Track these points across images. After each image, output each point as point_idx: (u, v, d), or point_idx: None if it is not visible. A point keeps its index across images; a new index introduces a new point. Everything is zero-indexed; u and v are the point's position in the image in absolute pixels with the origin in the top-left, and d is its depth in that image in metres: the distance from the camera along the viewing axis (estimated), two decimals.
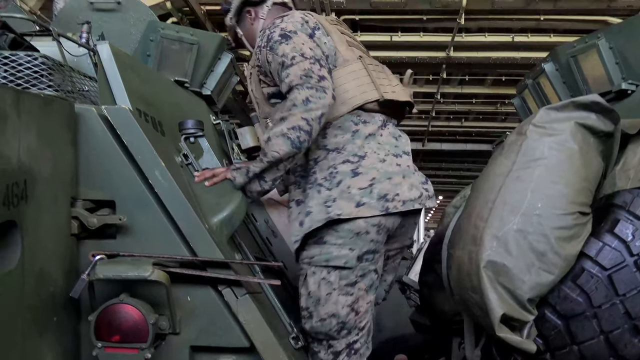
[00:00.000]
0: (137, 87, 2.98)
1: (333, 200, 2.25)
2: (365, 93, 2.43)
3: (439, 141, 20.21)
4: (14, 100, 1.41)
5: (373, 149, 2.37)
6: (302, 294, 2.34)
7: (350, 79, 2.43)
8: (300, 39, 2.32)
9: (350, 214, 2.23)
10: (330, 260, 2.26)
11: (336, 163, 2.32)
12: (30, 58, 2.45)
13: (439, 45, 12.88)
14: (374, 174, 2.32)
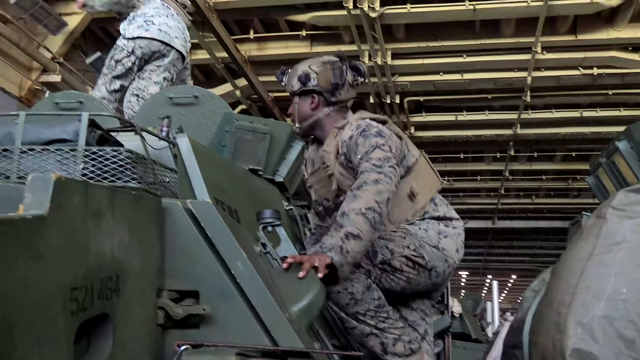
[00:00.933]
0: (214, 177, 3.09)
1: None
2: (436, 180, 3.09)
3: (509, 219, 19.84)
4: (109, 199, 1.49)
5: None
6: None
7: (427, 169, 3.04)
8: (392, 141, 2.74)
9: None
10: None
11: (441, 235, 2.97)
12: (115, 153, 2.60)
13: (505, 123, 12.87)
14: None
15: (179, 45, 4.95)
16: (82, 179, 2.45)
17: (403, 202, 2.81)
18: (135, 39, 4.79)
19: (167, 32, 4.88)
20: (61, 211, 1.28)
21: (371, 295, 2.60)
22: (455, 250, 2.92)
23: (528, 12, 9.12)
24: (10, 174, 2.54)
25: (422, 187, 2.89)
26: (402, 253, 2.69)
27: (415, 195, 2.84)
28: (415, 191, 2.85)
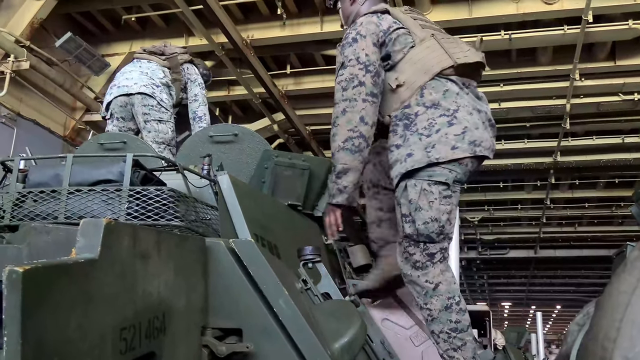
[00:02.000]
0: (255, 213, 3.13)
1: (432, 146, 2.72)
2: (441, 62, 2.91)
3: (552, 248, 19.48)
4: (155, 241, 1.54)
5: (463, 104, 2.84)
6: (402, 203, 2.77)
7: (427, 52, 2.93)
8: (364, 45, 2.88)
9: (447, 156, 2.71)
10: (433, 176, 2.72)
11: (434, 116, 2.78)
12: (158, 192, 2.67)
13: (545, 151, 12.73)
14: (465, 124, 2.78)
15: (140, 87, 5.03)
16: (127, 218, 2.52)
17: (386, 93, 2.92)
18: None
19: (124, 84, 5.07)
20: (111, 254, 1.33)
21: (448, 317, 2.65)
22: (452, 147, 2.75)
23: (565, 40, 9.08)
24: (58, 214, 2.62)
25: (409, 75, 2.90)
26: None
27: (400, 85, 2.90)
28: (400, 81, 2.90)
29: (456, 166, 2.75)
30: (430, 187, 2.72)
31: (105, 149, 4.07)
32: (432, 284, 2.70)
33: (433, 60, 2.91)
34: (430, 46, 2.97)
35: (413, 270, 2.76)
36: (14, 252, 1.91)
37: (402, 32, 2.99)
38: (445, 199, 2.74)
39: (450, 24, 9.06)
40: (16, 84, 9.15)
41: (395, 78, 2.89)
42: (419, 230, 2.72)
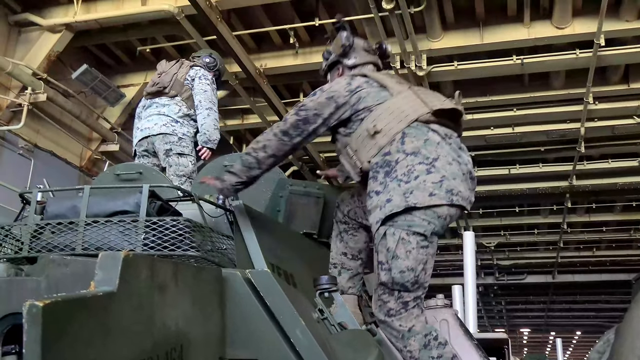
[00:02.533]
0: (270, 242, 3.13)
1: (410, 192, 2.76)
2: (417, 110, 2.97)
3: (571, 272, 19.26)
4: (173, 272, 1.55)
5: (442, 154, 2.88)
6: (379, 251, 2.81)
7: (404, 102, 3.00)
8: (316, 97, 3.08)
9: (424, 202, 2.75)
10: (412, 227, 2.76)
11: (414, 163, 2.82)
12: (174, 222, 2.68)
13: (560, 175, 12.66)
14: (443, 172, 2.82)
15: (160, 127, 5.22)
16: (143, 248, 2.54)
17: (364, 139, 2.98)
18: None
19: (146, 127, 5.30)
20: (129, 287, 1.34)
21: (429, 354, 2.69)
22: (429, 194, 2.79)
23: (577, 64, 9.08)
24: (75, 245, 2.64)
25: (388, 123, 2.95)
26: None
27: (377, 132, 2.94)
28: (378, 128, 2.94)
29: (434, 218, 2.79)
30: (408, 237, 2.76)
31: (122, 180, 4.10)
32: (406, 327, 2.76)
33: (409, 109, 2.97)
34: (407, 96, 3.05)
35: (387, 317, 2.80)
36: (33, 284, 1.92)
37: (376, 88, 3.09)
38: (422, 249, 2.78)
39: (462, 50, 9.11)
40: (33, 115, 9.28)
41: (373, 125, 2.94)
42: (395, 278, 2.76)
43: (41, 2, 9.42)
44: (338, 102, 3.04)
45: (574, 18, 8.45)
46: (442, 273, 19.86)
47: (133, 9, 8.85)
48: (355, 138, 3.01)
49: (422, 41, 8.93)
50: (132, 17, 9.00)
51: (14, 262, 2.66)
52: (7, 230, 2.90)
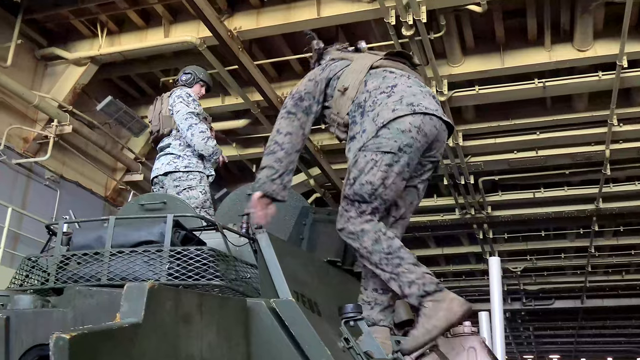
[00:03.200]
0: (294, 270, 3.12)
1: (377, 114, 3.10)
2: (372, 59, 3.42)
3: (600, 297, 18.91)
4: (198, 303, 1.54)
5: (400, 82, 3.26)
6: (351, 171, 3.09)
7: (361, 60, 3.46)
8: (306, 80, 3.48)
9: (389, 117, 3.05)
10: (380, 147, 3.04)
11: (376, 95, 3.20)
12: (199, 252, 2.68)
13: (586, 198, 12.51)
14: (402, 93, 3.17)
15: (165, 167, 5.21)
16: (168, 278, 2.54)
17: (338, 99, 3.37)
18: None
19: (156, 167, 5.27)
20: (155, 318, 1.33)
21: (380, 247, 2.99)
22: (392, 110, 3.09)
23: (600, 86, 9.02)
24: (101, 276, 2.65)
25: (352, 78, 3.37)
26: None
27: (346, 88, 3.35)
28: (345, 85, 3.36)
29: (399, 133, 3.05)
30: (377, 156, 3.06)
31: (146, 210, 4.12)
32: (360, 229, 3.05)
33: (367, 62, 3.44)
34: (364, 56, 3.56)
35: (346, 223, 3.10)
36: (59, 315, 1.93)
37: (340, 62, 3.55)
38: (384, 166, 3.05)
39: (483, 75, 9.11)
40: (59, 147, 9.43)
41: (342, 85, 3.37)
42: (354, 190, 3.06)
43: (67, 36, 9.63)
44: (316, 80, 3.45)
45: (596, 40, 8.42)
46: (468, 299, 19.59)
47: (156, 41, 9.01)
48: (334, 103, 3.40)
49: (442, 66, 8.95)
50: (155, 49, 9.16)
51: (41, 293, 2.68)
52: (33, 261, 2.93)
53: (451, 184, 11.88)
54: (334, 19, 8.34)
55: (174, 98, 5.30)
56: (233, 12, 8.67)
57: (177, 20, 9.09)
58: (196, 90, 5.56)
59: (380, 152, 3.05)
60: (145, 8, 9.02)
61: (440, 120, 3.20)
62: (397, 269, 2.95)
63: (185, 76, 5.65)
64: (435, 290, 2.94)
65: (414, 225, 14.06)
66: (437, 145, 3.30)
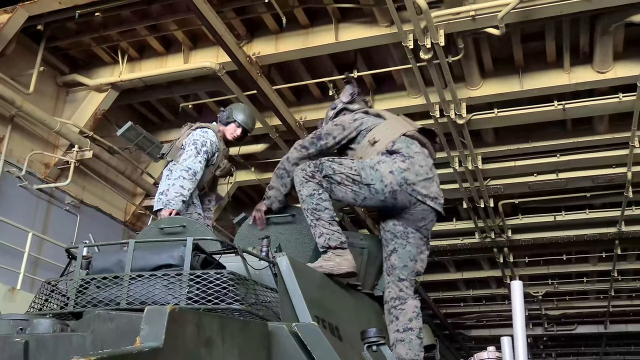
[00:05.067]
0: (314, 294, 3.09)
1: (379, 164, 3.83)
2: (405, 127, 4.07)
3: (623, 322, 18.55)
4: (219, 327, 1.52)
5: (417, 158, 3.89)
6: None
7: (395, 122, 4.12)
8: (330, 125, 4.15)
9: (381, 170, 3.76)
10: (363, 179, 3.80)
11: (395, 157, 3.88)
12: (218, 275, 2.66)
13: (608, 221, 12.34)
14: (409, 166, 3.79)
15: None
16: (187, 302, 2.51)
17: (366, 148, 3.94)
18: None
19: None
20: (176, 342, 1.31)
21: (311, 200, 3.70)
22: (389, 172, 3.72)
23: (621, 108, 8.93)
24: (120, 300, 2.63)
25: (384, 135, 3.93)
26: (341, 171, 3.73)
27: (376, 141, 3.91)
28: (376, 139, 3.92)
29: (378, 178, 3.73)
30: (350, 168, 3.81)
31: (166, 234, 4.12)
32: (306, 178, 3.75)
33: (399, 126, 4.04)
34: (398, 119, 4.19)
35: (299, 170, 3.82)
36: (79, 340, 1.91)
37: (373, 117, 4.11)
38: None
39: (501, 97, 9.08)
40: (80, 172, 9.51)
41: (373, 137, 3.95)
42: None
43: (88, 63, 9.77)
44: (345, 127, 4.03)
45: (616, 61, 8.36)
46: (488, 324, 19.34)
47: (176, 67, 9.10)
48: (360, 148, 3.97)
49: (461, 89, 8.92)
50: (175, 75, 9.26)
51: (60, 317, 2.67)
52: (53, 285, 2.93)
53: (470, 207, 11.77)
54: (352, 43, 8.37)
55: (191, 136, 5.17)
56: (252, 38, 8.74)
57: (197, 46, 9.18)
58: (230, 130, 5.39)
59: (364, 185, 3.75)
60: (165, 35, 9.13)
61: (419, 202, 3.82)
62: (315, 221, 3.67)
63: (222, 113, 5.50)
64: (336, 247, 3.58)
65: (433, 249, 13.92)
66: (413, 218, 3.86)
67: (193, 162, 4.96)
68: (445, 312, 18.52)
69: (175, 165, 5.10)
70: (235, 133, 5.41)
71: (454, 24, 7.59)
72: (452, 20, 7.55)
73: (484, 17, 7.46)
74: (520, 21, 7.59)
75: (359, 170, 3.74)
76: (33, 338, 1.96)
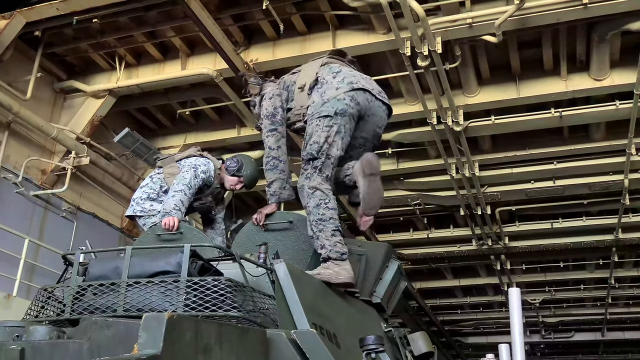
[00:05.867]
0: (312, 301, 3.07)
1: (324, 92, 4.03)
2: (320, 59, 4.41)
3: (621, 330, 18.54)
4: (217, 334, 1.51)
5: (344, 69, 4.23)
6: (305, 138, 3.98)
7: (309, 64, 4.43)
8: (266, 101, 4.42)
9: (332, 95, 3.96)
10: (321, 113, 3.92)
11: (324, 76, 4.14)
12: (216, 282, 2.65)
13: (605, 228, 12.35)
14: (344, 75, 4.11)
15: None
16: (184, 309, 2.50)
17: (300, 94, 4.19)
18: None
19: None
20: (174, 349, 1.30)
21: (317, 211, 3.74)
22: (336, 89, 3.99)
23: (618, 115, 8.94)
24: (117, 307, 2.62)
25: (306, 76, 4.22)
26: (318, 132, 3.89)
27: (303, 84, 4.17)
28: (302, 83, 4.19)
29: (335, 101, 3.92)
30: (317, 121, 3.90)
31: (163, 240, 4.11)
32: (315, 185, 3.82)
33: (316, 63, 4.33)
34: (311, 62, 4.41)
35: (305, 180, 3.88)
36: (75, 347, 1.90)
37: (289, 75, 4.46)
38: (326, 127, 3.87)
39: (498, 104, 9.09)
40: (76, 179, 9.49)
41: (300, 84, 4.22)
42: (307, 150, 3.88)
43: (85, 70, 9.76)
44: (275, 93, 4.33)
45: (612, 69, 8.39)
46: (486, 331, 19.32)
47: (173, 73, 9.10)
48: (296, 102, 4.21)
49: (458, 97, 8.94)
50: (172, 82, 9.25)
51: (56, 324, 2.65)
52: (49, 292, 2.91)
53: (468, 214, 11.78)
54: (350, 50, 8.26)
55: (193, 161, 5.07)
56: (249, 45, 8.75)
57: (194, 53, 9.19)
58: (232, 182, 5.25)
59: (322, 117, 3.90)
60: (163, 41, 9.13)
61: (375, 97, 4.13)
62: (318, 232, 3.68)
63: (232, 163, 5.29)
64: (336, 258, 3.59)
65: (430, 256, 13.93)
66: (374, 119, 4.18)
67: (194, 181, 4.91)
68: (443, 320, 18.50)
69: (163, 176, 5.09)
70: (235, 187, 5.30)
71: (451, 31, 7.61)
72: (450, 28, 7.57)
73: (481, 25, 7.49)
74: (517, 29, 7.62)
75: (320, 114, 3.91)
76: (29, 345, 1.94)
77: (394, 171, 11.00)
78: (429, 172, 11.07)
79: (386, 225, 13.03)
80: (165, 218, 4.37)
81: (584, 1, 7.06)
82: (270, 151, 4.19)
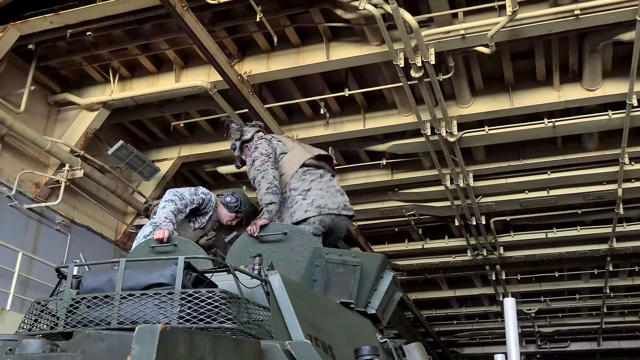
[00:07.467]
0: (307, 313, 3.07)
1: (293, 213, 4.55)
2: (303, 157, 4.82)
3: (617, 339, 18.56)
4: (211, 346, 1.50)
5: (314, 186, 4.66)
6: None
7: (294, 154, 4.83)
8: (260, 156, 4.74)
9: (301, 217, 4.49)
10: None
11: (294, 195, 4.65)
12: (210, 294, 2.64)
13: (599, 238, 12.38)
14: (313, 197, 4.58)
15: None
16: (179, 321, 2.49)
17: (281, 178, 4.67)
18: None
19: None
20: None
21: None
22: (304, 211, 4.52)
23: (610, 125, 8.99)
24: (111, 319, 2.61)
25: (287, 168, 4.74)
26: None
27: (282, 174, 4.68)
28: (282, 172, 4.71)
29: (308, 224, 4.43)
30: None
31: (157, 252, 4.10)
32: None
33: (299, 159, 4.76)
34: (297, 151, 4.85)
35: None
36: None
37: (280, 144, 4.86)
38: None
39: (492, 115, 9.12)
40: (70, 191, 9.46)
41: (280, 171, 4.69)
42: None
43: (79, 82, 9.76)
44: (270, 149, 4.73)
45: (605, 79, 8.44)
46: (482, 342, 19.29)
47: (167, 85, 9.11)
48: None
49: (451, 107, 8.97)
50: (166, 94, 9.26)
51: (50, 337, 2.64)
52: (43, 305, 2.90)
53: (462, 225, 11.79)
54: (344, 62, 8.42)
55: (199, 189, 5.09)
56: (243, 57, 8.77)
57: (188, 65, 9.20)
58: (229, 217, 5.18)
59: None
60: (156, 54, 9.14)
61: (339, 215, 4.59)
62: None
63: (232, 199, 5.21)
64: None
65: (425, 266, 13.93)
66: (338, 232, 4.72)
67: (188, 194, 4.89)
68: (438, 330, 18.47)
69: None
70: (232, 222, 5.21)
71: (445, 42, 7.65)
72: (443, 39, 7.61)
73: (474, 36, 7.53)
74: (509, 40, 7.67)
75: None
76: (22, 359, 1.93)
77: (388, 182, 11.02)
78: (423, 182, 11.09)
79: (381, 236, 13.05)
80: (156, 231, 4.36)
81: (575, 12, 7.11)
82: (274, 180, 4.55)
